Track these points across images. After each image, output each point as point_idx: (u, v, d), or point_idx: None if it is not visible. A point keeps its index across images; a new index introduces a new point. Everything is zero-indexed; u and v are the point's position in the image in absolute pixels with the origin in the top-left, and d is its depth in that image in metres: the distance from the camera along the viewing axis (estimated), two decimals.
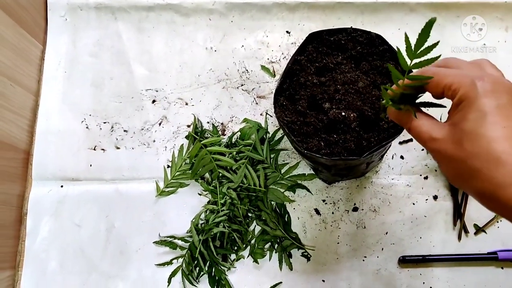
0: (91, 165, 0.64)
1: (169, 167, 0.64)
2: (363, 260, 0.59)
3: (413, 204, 0.61)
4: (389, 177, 0.62)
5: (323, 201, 0.61)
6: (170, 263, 0.60)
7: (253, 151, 0.60)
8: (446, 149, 0.32)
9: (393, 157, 0.62)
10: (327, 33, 0.51)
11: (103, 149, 0.65)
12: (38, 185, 0.64)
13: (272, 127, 0.63)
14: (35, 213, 0.63)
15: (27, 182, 0.64)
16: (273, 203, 0.61)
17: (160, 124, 0.65)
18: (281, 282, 0.59)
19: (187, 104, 0.66)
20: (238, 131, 0.63)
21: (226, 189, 0.59)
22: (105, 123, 0.66)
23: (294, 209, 0.61)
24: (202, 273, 0.59)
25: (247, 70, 0.66)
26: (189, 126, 0.65)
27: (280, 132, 0.63)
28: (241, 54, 0.67)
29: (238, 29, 0.68)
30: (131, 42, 0.68)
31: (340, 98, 0.48)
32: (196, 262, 0.58)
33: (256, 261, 0.60)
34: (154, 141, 0.65)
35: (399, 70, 0.36)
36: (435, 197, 0.61)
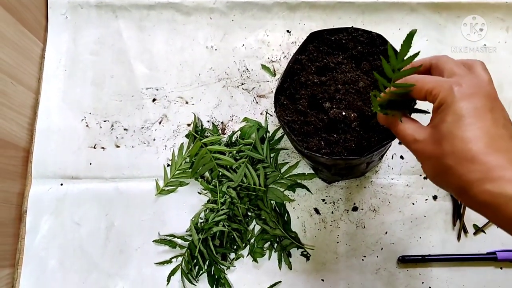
0: (91, 164, 0.64)
1: (169, 165, 0.64)
2: (363, 259, 0.59)
3: (413, 204, 0.61)
4: (389, 177, 0.62)
5: (323, 200, 0.61)
6: (169, 261, 0.60)
7: (253, 150, 0.60)
8: (426, 149, 0.35)
9: (393, 157, 0.62)
10: (328, 33, 0.51)
11: (103, 148, 0.65)
12: (38, 183, 0.64)
13: (272, 126, 0.63)
14: (35, 211, 0.63)
15: (27, 180, 0.64)
16: (272, 202, 0.61)
17: (160, 122, 0.65)
18: (280, 281, 0.59)
19: (187, 102, 0.66)
20: (238, 130, 0.63)
21: (226, 188, 0.59)
22: (105, 121, 0.66)
23: (293, 208, 0.61)
24: (201, 272, 0.59)
25: (248, 69, 0.66)
26: (189, 125, 0.65)
27: (280, 131, 0.63)
28: (241, 53, 0.67)
29: (239, 28, 0.68)
30: (131, 40, 0.68)
31: (340, 97, 0.48)
32: (195, 261, 0.59)
33: (255, 260, 0.60)
34: (154, 140, 0.65)
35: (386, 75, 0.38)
36: (435, 197, 0.61)
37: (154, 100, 0.66)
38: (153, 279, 0.60)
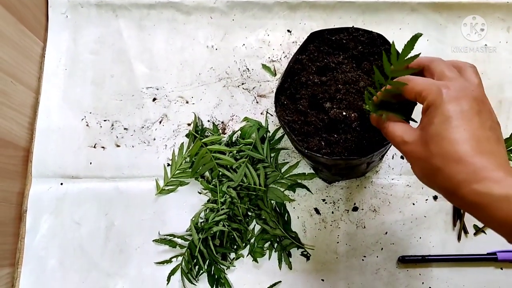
0: (91, 163, 0.64)
1: (169, 165, 0.64)
2: (363, 259, 0.59)
3: (413, 204, 0.61)
4: (389, 177, 0.62)
5: (323, 200, 0.61)
6: (169, 261, 0.60)
7: (253, 150, 0.60)
8: (415, 150, 0.35)
9: (393, 157, 0.62)
10: (329, 33, 0.51)
11: (103, 147, 0.65)
12: (38, 183, 0.64)
13: (272, 126, 0.63)
14: (35, 210, 0.63)
15: (27, 179, 0.64)
16: (273, 202, 0.61)
17: (160, 122, 0.65)
18: (280, 281, 0.59)
19: (187, 102, 0.66)
20: (238, 130, 0.63)
21: (226, 188, 0.59)
22: (105, 121, 0.66)
23: (294, 208, 0.61)
24: (201, 272, 0.59)
25: (248, 68, 0.66)
26: (189, 124, 0.65)
27: (280, 131, 0.63)
28: (242, 52, 0.67)
29: (239, 27, 0.68)
30: (132, 40, 0.68)
31: (341, 97, 0.48)
32: (195, 260, 0.59)
33: (255, 260, 0.60)
34: (154, 139, 0.65)
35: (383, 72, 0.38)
36: (435, 198, 0.61)
37: (154, 99, 0.66)
38: (153, 279, 0.60)
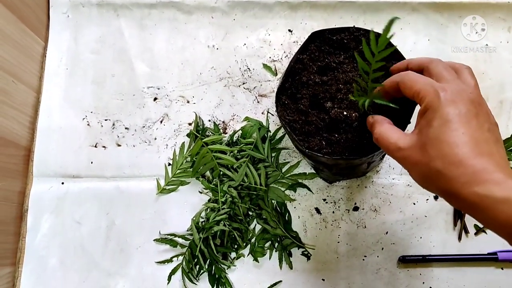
0: (92, 162, 0.64)
1: (170, 165, 0.64)
2: (363, 259, 0.59)
3: (414, 204, 0.61)
4: (390, 177, 0.62)
5: (324, 200, 0.61)
6: (170, 261, 0.60)
7: (254, 149, 0.60)
8: (413, 155, 0.35)
9: None
10: (330, 32, 0.51)
11: (104, 147, 0.65)
12: (39, 182, 0.64)
13: (273, 125, 0.63)
14: (35, 209, 0.63)
15: (28, 178, 0.64)
16: (273, 201, 0.61)
17: (161, 121, 0.65)
18: (281, 280, 0.59)
19: (188, 102, 0.66)
20: (239, 130, 0.63)
21: (227, 188, 0.59)
22: (106, 120, 0.66)
23: (294, 208, 0.61)
24: (202, 271, 0.59)
25: (249, 68, 0.66)
26: (190, 124, 0.65)
27: (281, 131, 0.63)
28: (243, 52, 0.67)
29: (240, 27, 0.68)
30: (133, 39, 0.68)
31: (342, 97, 0.48)
32: (196, 260, 0.59)
33: (256, 259, 0.60)
34: (155, 139, 0.65)
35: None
36: (436, 197, 0.61)
37: (155, 99, 0.66)
38: (154, 278, 0.60)
